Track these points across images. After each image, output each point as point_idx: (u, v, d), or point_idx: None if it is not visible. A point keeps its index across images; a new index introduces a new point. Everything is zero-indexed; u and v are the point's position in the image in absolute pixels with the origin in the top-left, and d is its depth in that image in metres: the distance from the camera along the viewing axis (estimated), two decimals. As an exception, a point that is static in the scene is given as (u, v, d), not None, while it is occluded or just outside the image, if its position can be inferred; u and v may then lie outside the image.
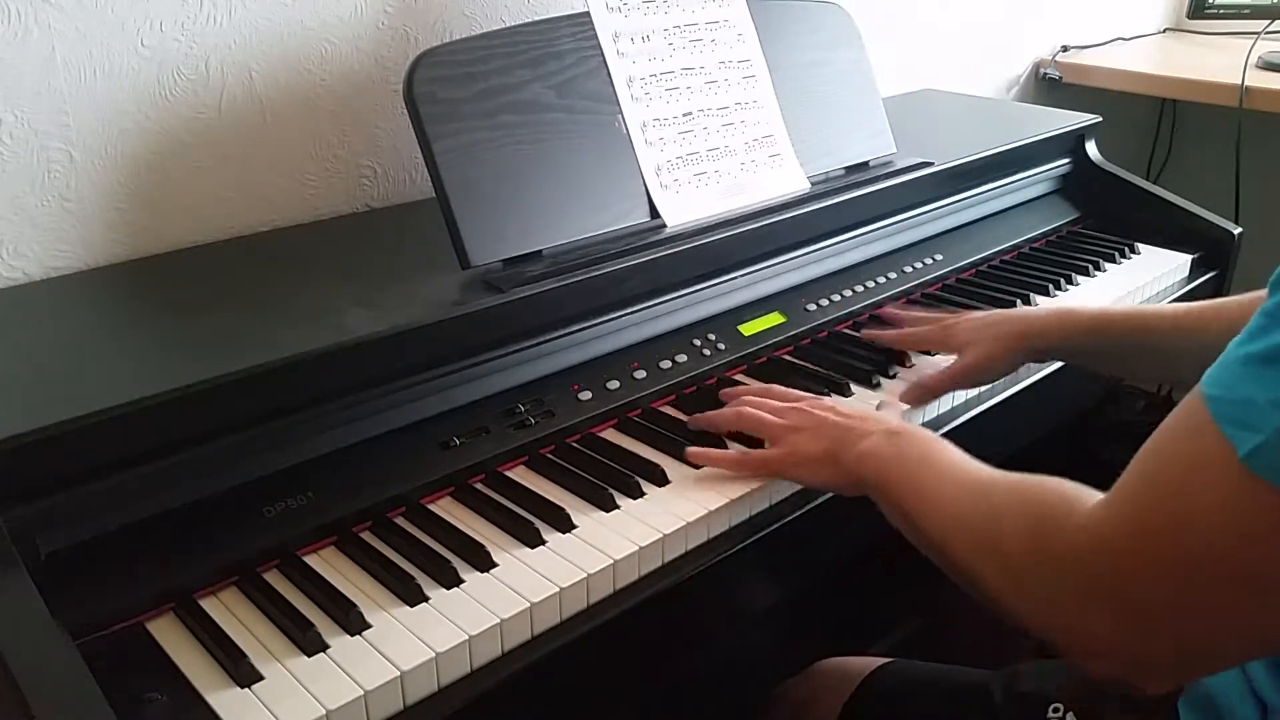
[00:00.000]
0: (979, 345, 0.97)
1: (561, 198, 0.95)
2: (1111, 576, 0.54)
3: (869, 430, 0.79)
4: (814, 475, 0.82)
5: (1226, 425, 0.49)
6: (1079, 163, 1.49)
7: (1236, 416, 0.49)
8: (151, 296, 0.94)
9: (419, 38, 1.14)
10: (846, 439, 0.79)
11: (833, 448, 0.80)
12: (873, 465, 0.76)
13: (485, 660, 0.67)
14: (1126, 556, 0.53)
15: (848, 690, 0.90)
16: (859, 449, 0.78)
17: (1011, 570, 0.62)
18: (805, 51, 1.18)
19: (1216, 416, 0.50)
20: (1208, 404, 0.50)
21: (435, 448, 0.82)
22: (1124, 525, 0.54)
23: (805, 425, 0.83)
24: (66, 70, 0.92)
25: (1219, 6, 2.21)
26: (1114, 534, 0.54)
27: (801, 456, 0.81)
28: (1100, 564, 0.55)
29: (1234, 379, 0.50)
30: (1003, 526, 0.62)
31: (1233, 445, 0.48)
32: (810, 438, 0.82)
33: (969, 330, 0.99)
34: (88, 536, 0.67)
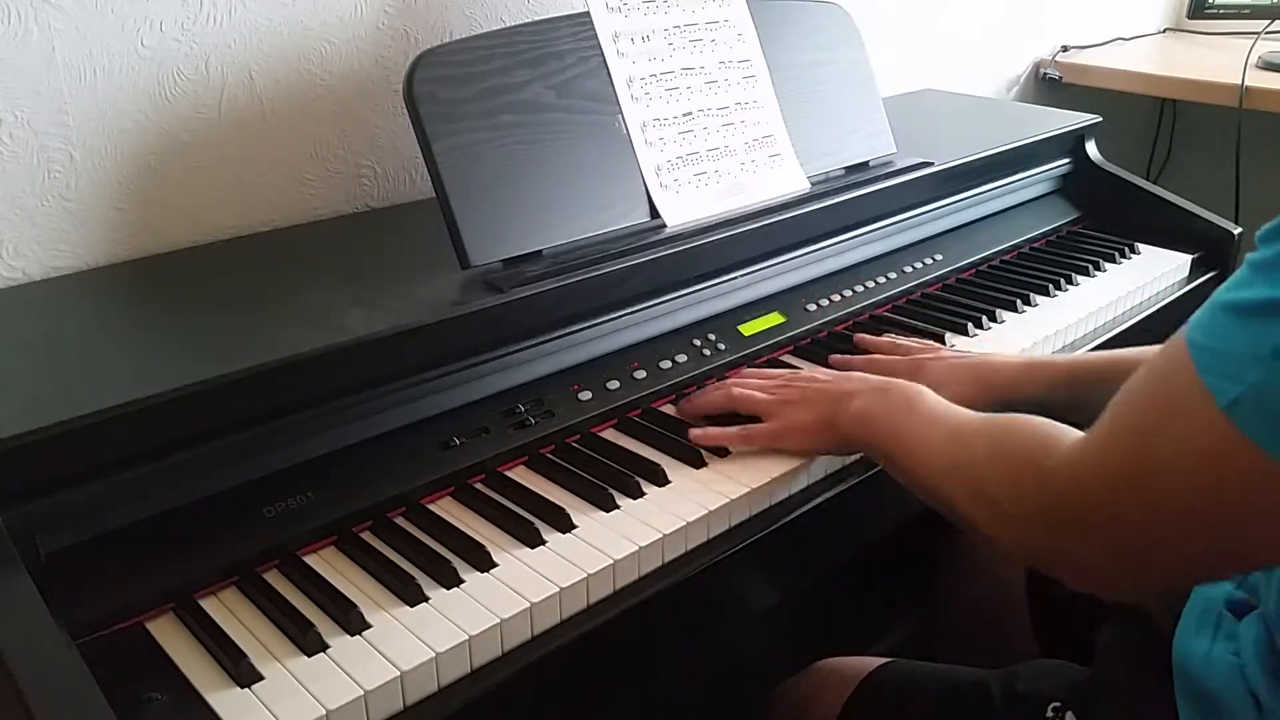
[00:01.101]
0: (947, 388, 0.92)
1: (561, 198, 0.95)
2: (1091, 510, 0.58)
3: (857, 390, 0.83)
4: (812, 442, 0.85)
5: (1206, 374, 0.50)
6: (1079, 163, 1.49)
7: (1217, 366, 0.50)
8: (152, 296, 0.94)
9: (419, 38, 1.14)
10: (838, 403, 0.83)
11: (826, 414, 0.84)
12: (863, 424, 0.81)
13: (485, 660, 0.67)
14: (1105, 492, 0.57)
15: (847, 690, 0.90)
16: (851, 410, 0.82)
17: (998, 509, 0.66)
18: (805, 51, 1.18)
19: (1197, 364, 0.51)
20: (1191, 350, 0.52)
21: (435, 448, 0.82)
22: (1103, 463, 0.58)
23: (796, 397, 0.86)
24: (66, 70, 0.92)
25: (1219, 6, 2.21)
26: (1093, 471, 0.58)
27: (798, 426, 0.85)
28: (1080, 499, 0.59)
29: (1216, 327, 0.51)
30: (987, 471, 0.67)
31: (1211, 394, 0.50)
32: (804, 408, 0.85)
33: (940, 371, 0.96)
34: (88, 536, 0.67)
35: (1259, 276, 0.50)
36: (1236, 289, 0.51)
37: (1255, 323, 0.49)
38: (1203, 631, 0.72)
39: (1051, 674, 0.83)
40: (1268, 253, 0.51)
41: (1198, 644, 0.71)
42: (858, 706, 0.89)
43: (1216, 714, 0.69)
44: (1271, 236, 0.51)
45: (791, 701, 0.97)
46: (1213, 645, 0.70)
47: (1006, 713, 0.82)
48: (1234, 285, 0.52)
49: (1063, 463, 0.60)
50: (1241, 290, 0.51)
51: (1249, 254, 0.52)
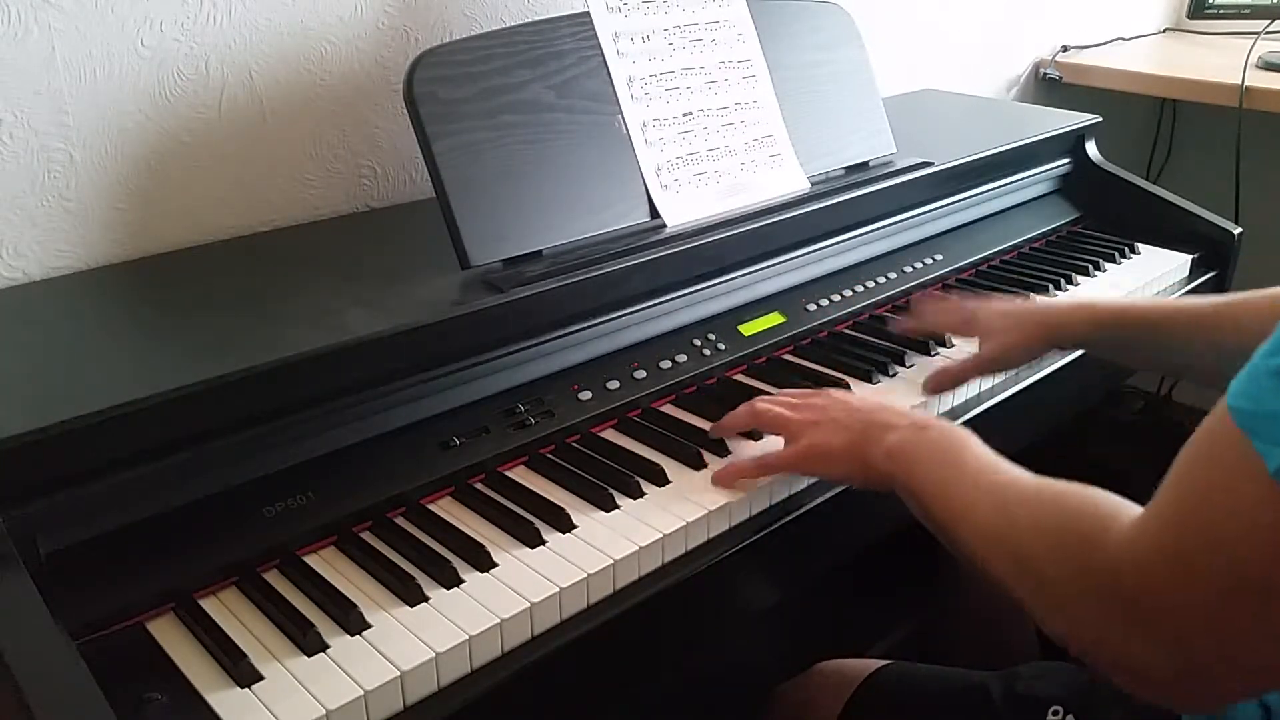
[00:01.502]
0: (1001, 334, 0.98)
1: (561, 198, 0.95)
2: (1146, 596, 0.53)
3: (895, 424, 0.76)
4: (837, 470, 0.79)
5: (1257, 440, 0.48)
6: (1079, 163, 1.49)
7: (1265, 431, 0.48)
8: (151, 296, 0.94)
9: (419, 38, 1.14)
10: (870, 432, 0.76)
11: (857, 442, 0.77)
12: (902, 464, 0.73)
13: (485, 660, 0.67)
14: (1162, 576, 0.52)
15: (847, 692, 0.90)
16: (886, 444, 0.75)
17: (1047, 590, 0.60)
18: (805, 51, 1.18)
19: (1246, 430, 0.49)
20: (1235, 417, 0.49)
21: (435, 448, 0.82)
22: (1159, 546, 0.53)
23: (824, 420, 0.80)
24: (66, 70, 0.92)
25: (1219, 6, 2.21)
26: (1149, 553, 0.53)
27: (823, 451, 0.79)
28: (1135, 584, 0.53)
29: (1262, 392, 0.49)
30: (1033, 545, 0.61)
31: (1262, 458, 0.47)
32: (831, 431, 0.79)
33: (991, 318, 1.00)
34: (88, 536, 0.67)
35: None
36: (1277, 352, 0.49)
37: None
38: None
39: (1052, 676, 0.83)
40: None
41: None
42: (858, 708, 0.89)
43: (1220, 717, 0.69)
44: None
45: (791, 702, 0.97)
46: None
47: (1007, 714, 0.81)
48: (1275, 348, 0.49)
49: (1118, 544, 0.55)
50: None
51: None
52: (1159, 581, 0.52)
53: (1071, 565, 0.58)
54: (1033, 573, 0.61)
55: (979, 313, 1.02)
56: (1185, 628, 0.52)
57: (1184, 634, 0.52)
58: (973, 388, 1.02)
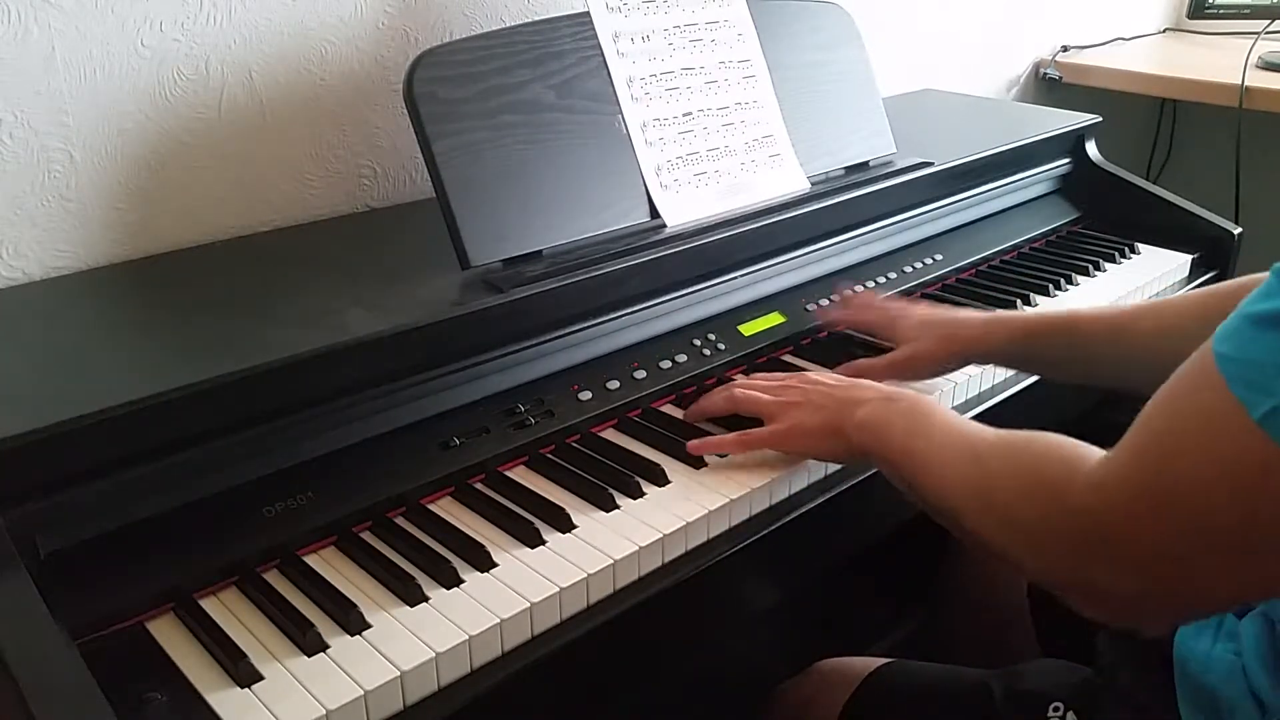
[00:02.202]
0: (920, 342, 0.97)
1: (561, 198, 0.95)
2: (1115, 529, 0.55)
3: (865, 398, 0.80)
4: (816, 447, 0.83)
5: (1237, 386, 0.49)
6: (1079, 163, 1.49)
7: (1248, 377, 0.49)
8: (151, 297, 0.94)
9: (419, 38, 1.14)
10: (844, 408, 0.80)
11: (832, 419, 0.81)
12: (871, 434, 0.77)
13: (485, 660, 0.67)
14: (1130, 510, 0.54)
15: (847, 690, 0.90)
16: (857, 417, 0.79)
17: (1016, 530, 0.63)
18: (805, 51, 1.18)
19: (1227, 376, 0.50)
20: (1219, 363, 0.50)
21: (435, 448, 0.82)
22: (1129, 482, 0.55)
23: (801, 400, 0.84)
24: (66, 70, 0.92)
25: (1219, 6, 2.21)
26: (1118, 488, 0.55)
27: (802, 430, 0.82)
28: (1105, 521, 0.56)
29: (1244, 339, 0.50)
30: (1004, 489, 0.64)
31: (1243, 405, 0.48)
32: (809, 411, 0.83)
33: (913, 326, 0.99)
34: (88, 536, 0.67)
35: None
36: (1265, 299, 0.50)
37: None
38: (1203, 631, 0.72)
39: (1053, 674, 0.83)
40: None
41: (1199, 644, 0.71)
42: (858, 707, 0.89)
43: (1217, 714, 0.69)
44: None
45: (792, 702, 0.97)
46: (1214, 645, 0.70)
47: (1008, 713, 0.81)
48: (1261, 296, 0.50)
49: (1087, 481, 0.58)
50: (1271, 300, 0.49)
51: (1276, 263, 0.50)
52: (1126, 517, 0.54)
53: (1042, 505, 0.61)
54: (1006, 517, 0.64)
55: (900, 318, 1.01)
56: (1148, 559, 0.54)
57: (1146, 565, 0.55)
58: (973, 387, 1.02)
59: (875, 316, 1.04)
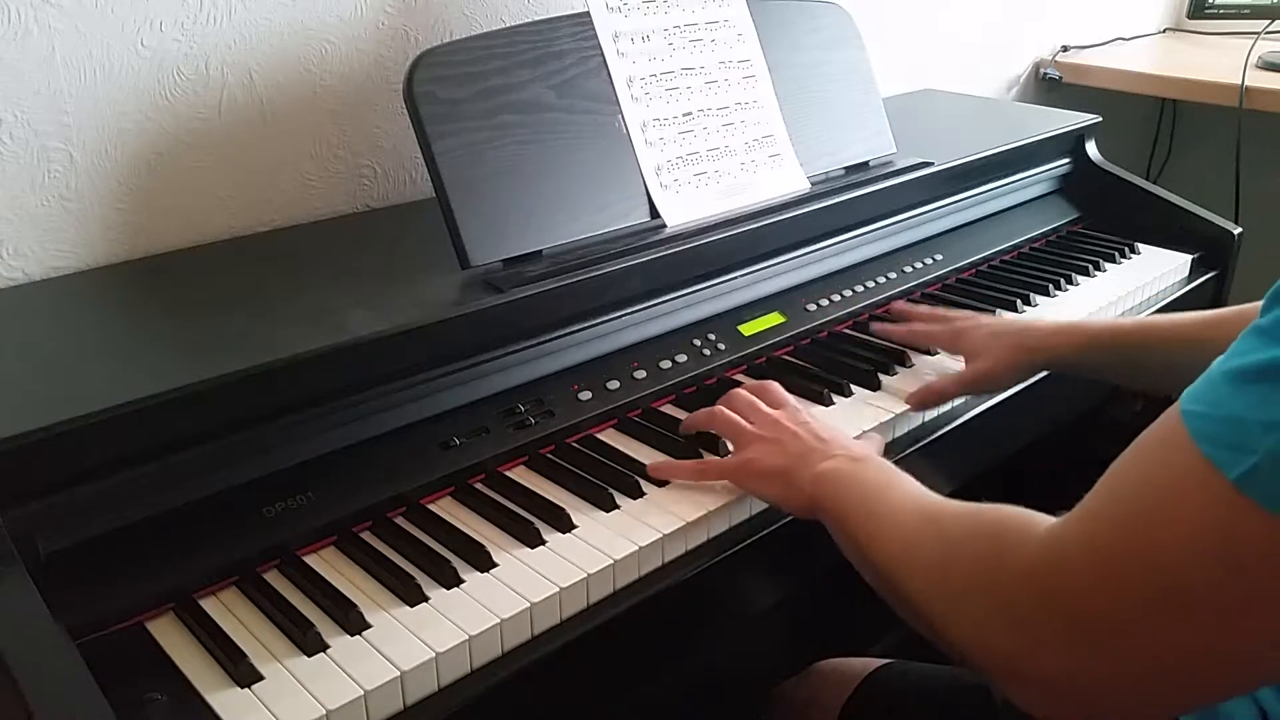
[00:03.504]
0: (990, 354, 0.97)
1: (561, 198, 0.95)
2: (1066, 596, 0.51)
3: (830, 453, 0.76)
4: (765, 489, 0.79)
5: (1209, 446, 0.46)
6: (1079, 163, 1.49)
7: (1223, 437, 0.46)
8: (151, 297, 0.94)
9: (419, 38, 1.14)
10: (807, 459, 0.77)
11: (790, 465, 0.77)
12: (829, 488, 0.73)
13: (485, 660, 0.67)
14: (1086, 577, 0.50)
15: (847, 691, 0.90)
16: (817, 470, 0.75)
17: (958, 595, 0.58)
18: (805, 51, 1.18)
19: (1197, 436, 0.47)
20: (1186, 421, 0.48)
21: (435, 448, 0.82)
22: (1085, 544, 0.51)
23: (771, 436, 0.80)
24: (66, 70, 0.92)
25: (1219, 6, 2.21)
26: (1073, 552, 0.51)
27: (757, 468, 0.79)
28: (1055, 584, 0.51)
29: (1220, 397, 0.47)
30: (953, 551, 0.60)
31: (1216, 467, 0.46)
32: (771, 450, 0.79)
33: (981, 338, 0.99)
34: (88, 536, 0.67)
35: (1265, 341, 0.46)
36: (1239, 356, 0.47)
37: (1264, 387, 0.45)
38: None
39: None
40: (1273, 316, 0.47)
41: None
42: (858, 707, 0.89)
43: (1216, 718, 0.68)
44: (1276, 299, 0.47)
45: (791, 702, 0.97)
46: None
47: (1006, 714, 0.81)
48: (1236, 353, 0.48)
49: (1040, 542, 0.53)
50: (1246, 356, 0.47)
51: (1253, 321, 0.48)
52: (1081, 582, 0.50)
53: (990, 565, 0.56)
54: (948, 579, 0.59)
55: (967, 331, 1.01)
56: (1103, 632, 0.50)
57: (1100, 639, 0.50)
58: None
59: (936, 333, 1.04)
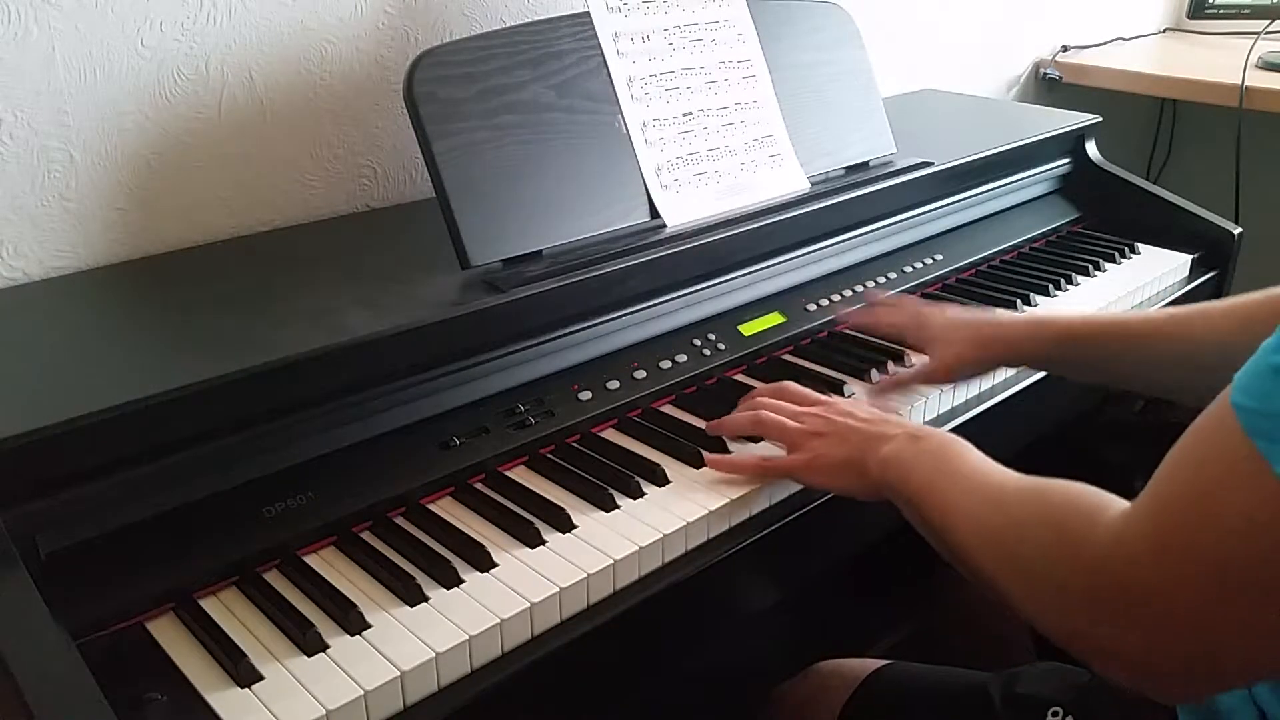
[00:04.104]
0: (950, 346, 0.95)
1: (561, 198, 0.95)
2: (1136, 585, 0.53)
3: (890, 434, 0.77)
4: (837, 481, 0.81)
5: (1260, 439, 0.48)
6: (1079, 163, 1.49)
7: (1270, 431, 0.47)
8: (151, 297, 0.94)
9: (419, 38, 1.14)
10: (868, 445, 0.78)
11: (855, 454, 0.79)
12: (895, 473, 0.75)
13: (485, 660, 0.67)
14: (1152, 566, 0.52)
15: (846, 692, 0.90)
16: (881, 455, 0.76)
17: (1035, 582, 0.61)
18: (805, 51, 1.18)
19: (1248, 429, 0.48)
20: (1239, 415, 0.49)
21: (435, 448, 0.82)
22: (1150, 536, 0.53)
23: (826, 430, 0.81)
24: (66, 70, 0.92)
25: (1219, 6, 2.21)
26: (1139, 545, 0.53)
27: (824, 463, 0.80)
28: (1125, 575, 0.53)
29: (1266, 391, 0.48)
30: (1024, 539, 0.62)
31: (1266, 460, 0.47)
32: (833, 443, 0.81)
33: (942, 328, 0.97)
34: (88, 536, 0.66)
35: None
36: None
37: None
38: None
39: (1051, 677, 0.83)
40: None
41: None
42: (857, 708, 0.89)
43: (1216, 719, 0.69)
44: None
45: (791, 703, 0.97)
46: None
47: (1006, 715, 0.81)
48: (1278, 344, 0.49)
49: (1108, 533, 0.55)
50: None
51: None
52: (1147, 573, 0.52)
53: (1059, 557, 0.58)
54: (1023, 567, 0.62)
55: (931, 319, 0.99)
56: (1171, 620, 0.52)
57: (1170, 625, 0.52)
58: (974, 386, 1.02)
59: (902, 319, 1.02)
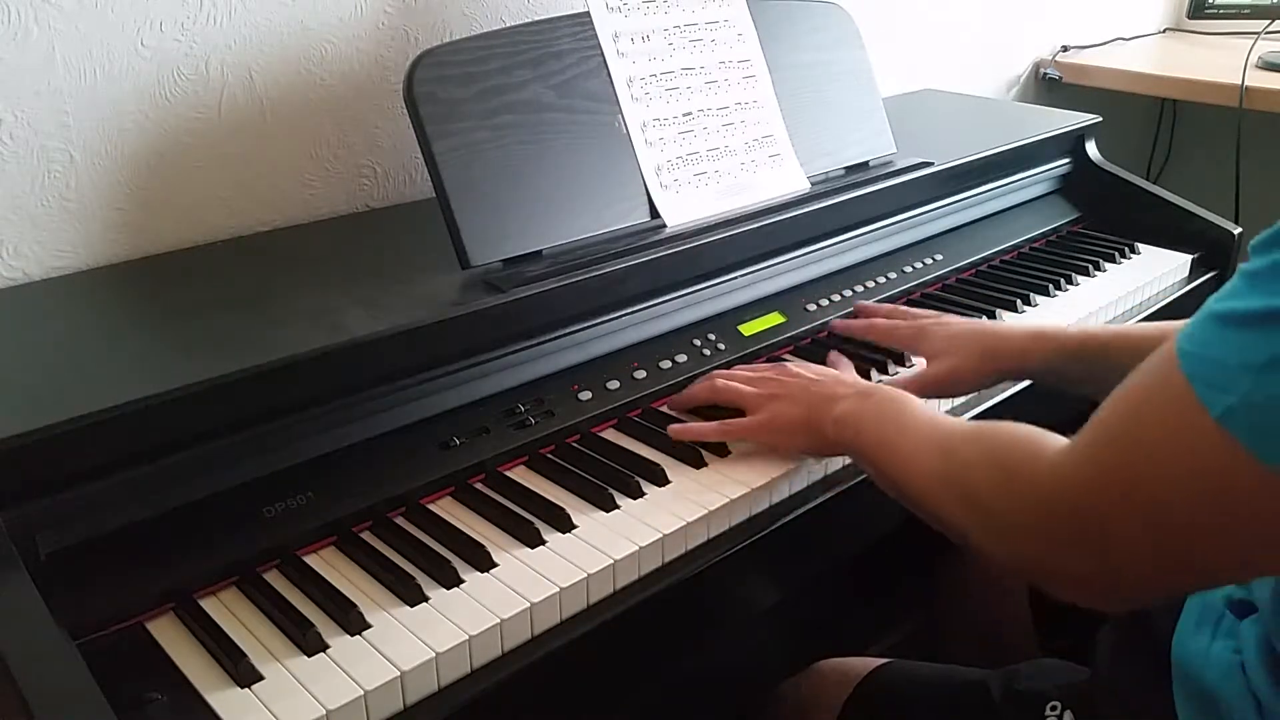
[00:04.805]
0: (950, 357, 0.94)
1: (561, 198, 0.95)
2: (1077, 514, 0.57)
3: (842, 393, 0.82)
4: (793, 440, 0.84)
5: (1199, 384, 0.50)
6: (1079, 163, 1.49)
7: (1209, 376, 0.49)
8: (151, 297, 0.94)
9: (419, 38, 1.14)
10: (822, 404, 0.82)
11: (809, 414, 0.83)
12: (849, 429, 0.79)
13: (485, 660, 0.67)
14: (1092, 496, 0.56)
15: (847, 690, 0.90)
16: (835, 413, 0.80)
17: (985, 517, 0.65)
18: (805, 51, 1.18)
19: (1189, 374, 0.50)
20: (1180, 359, 0.51)
21: (435, 448, 0.82)
22: (1089, 470, 0.56)
23: (781, 392, 0.85)
24: (66, 70, 0.92)
25: (1219, 6, 2.21)
26: (1080, 474, 0.57)
27: (781, 423, 0.84)
28: (1066, 502, 0.57)
29: (1208, 337, 0.51)
30: (974, 479, 0.66)
31: (1203, 404, 0.49)
32: (788, 404, 0.84)
33: (942, 339, 0.95)
34: (88, 536, 0.67)
35: (1252, 286, 0.49)
36: (1229, 299, 0.50)
37: (1248, 332, 0.48)
38: (1202, 629, 0.72)
39: (1051, 674, 0.83)
40: (1261, 262, 0.50)
41: (1197, 642, 0.71)
42: (857, 707, 0.89)
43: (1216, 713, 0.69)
44: (1265, 246, 0.50)
45: (791, 701, 0.97)
46: (1212, 643, 0.70)
47: (1006, 712, 0.82)
48: (1226, 295, 0.51)
49: (1049, 467, 0.59)
50: (1234, 300, 0.50)
51: (1242, 264, 0.51)
52: (1088, 502, 0.56)
53: (1007, 490, 0.62)
54: (973, 504, 0.66)
55: (930, 331, 0.97)
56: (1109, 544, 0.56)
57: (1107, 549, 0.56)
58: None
59: (901, 330, 1.00)
